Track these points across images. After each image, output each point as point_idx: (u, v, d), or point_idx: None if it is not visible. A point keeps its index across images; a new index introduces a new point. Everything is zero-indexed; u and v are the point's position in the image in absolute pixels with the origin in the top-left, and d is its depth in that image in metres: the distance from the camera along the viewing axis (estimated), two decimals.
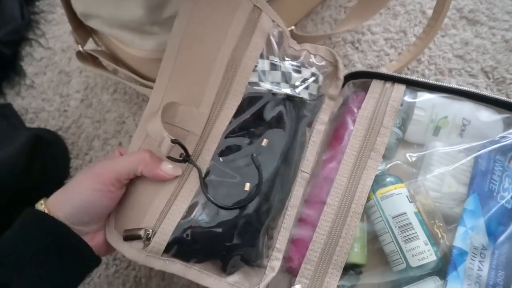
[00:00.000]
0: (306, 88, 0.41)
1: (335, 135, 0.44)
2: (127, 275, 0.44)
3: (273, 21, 0.40)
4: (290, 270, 0.39)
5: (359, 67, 0.52)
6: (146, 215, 0.35)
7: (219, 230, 0.35)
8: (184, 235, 0.35)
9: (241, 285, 0.36)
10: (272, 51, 0.40)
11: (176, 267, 0.35)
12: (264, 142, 0.38)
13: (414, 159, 0.42)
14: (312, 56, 0.43)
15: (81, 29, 0.48)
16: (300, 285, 0.36)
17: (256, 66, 0.39)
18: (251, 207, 0.36)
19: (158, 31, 0.42)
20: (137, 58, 0.45)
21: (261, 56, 0.39)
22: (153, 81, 0.47)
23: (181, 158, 0.36)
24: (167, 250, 0.35)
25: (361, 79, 0.46)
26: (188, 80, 0.38)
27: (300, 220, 0.41)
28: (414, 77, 0.45)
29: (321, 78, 0.42)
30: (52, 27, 0.64)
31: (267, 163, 0.37)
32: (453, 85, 0.44)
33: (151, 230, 0.35)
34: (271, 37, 0.40)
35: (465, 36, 0.52)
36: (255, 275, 0.37)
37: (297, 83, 0.41)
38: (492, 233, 0.36)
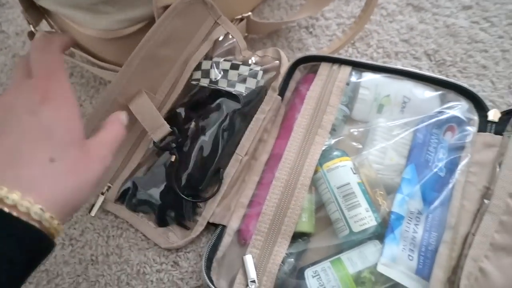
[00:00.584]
0: (244, 82, 0.45)
1: (286, 116, 0.46)
2: (83, 254, 0.44)
3: (227, 33, 0.47)
4: (243, 243, 0.41)
5: (313, 50, 0.54)
6: None
7: (150, 187, 0.45)
8: (129, 187, 0.46)
9: (168, 237, 0.43)
10: (216, 54, 0.47)
11: (124, 213, 0.45)
12: (193, 124, 0.44)
13: (359, 134, 0.44)
14: (258, 56, 0.48)
15: (33, 9, 0.47)
16: (250, 255, 0.38)
17: (200, 66, 0.47)
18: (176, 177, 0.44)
19: (111, 11, 0.42)
20: (91, 38, 0.45)
21: (206, 58, 0.47)
22: (107, 62, 0.47)
23: (171, 149, 0.44)
24: (120, 200, 0.46)
25: (311, 62, 0.48)
26: (152, 72, 0.44)
27: (253, 196, 0.43)
28: (358, 59, 0.48)
29: (260, 73, 0.46)
30: (5, 11, 0.62)
31: (193, 142, 0.44)
32: (395, 66, 0.47)
33: (108, 185, 0.46)
34: (220, 44, 0.47)
35: (411, 22, 0.55)
36: (182, 233, 0.44)
37: (234, 79, 0.45)
38: (427, 199, 0.39)
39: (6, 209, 0.23)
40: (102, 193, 0.46)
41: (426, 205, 0.39)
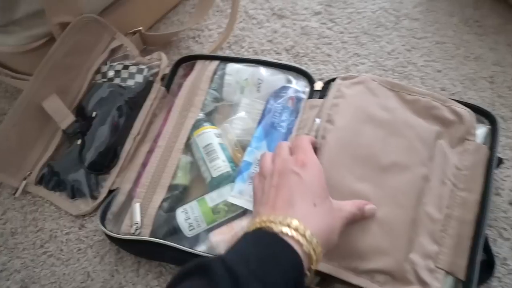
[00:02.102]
0: (133, 78, 0.57)
1: (171, 103, 0.58)
2: (4, 229, 0.52)
3: (123, 44, 0.60)
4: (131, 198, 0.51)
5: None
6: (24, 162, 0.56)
7: (63, 169, 0.55)
8: (46, 171, 0.56)
9: (78, 206, 0.52)
10: (114, 60, 0.59)
11: (43, 192, 0.55)
12: (94, 114, 0.55)
13: (226, 110, 0.57)
14: (147, 59, 0.60)
15: None
16: (138, 204, 0.48)
17: (101, 69, 0.60)
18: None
19: (18, 30, 0.53)
20: (5, 54, 0.56)
21: (104, 63, 0.58)
22: (18, 72, 0.58)
23: (76, 133, 0.55)
24: (40, 183, 0.55)
25: (191, 61, 0.61)
26: (61, 77, 0.56)
27: (142, 164, 0.53)
28: (223, 54, 0.62)
29: (146, 70, 0.58)
30: None
31: (95, 127, 0.55)
32: (250, 57, 0.60)
33: (29, 172, 0.56)
34: (117, 51, 0.61)
35: (275, 27, 0.69)
36: (90, 202, 0.53)
37: (126, 76, 0.58)
38: (271, 149, 0.51)
39: (290, 234, 0.32)
40: (24, 178, 0.55)
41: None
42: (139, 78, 0.57)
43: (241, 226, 0.46)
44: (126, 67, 0.58)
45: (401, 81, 0.62)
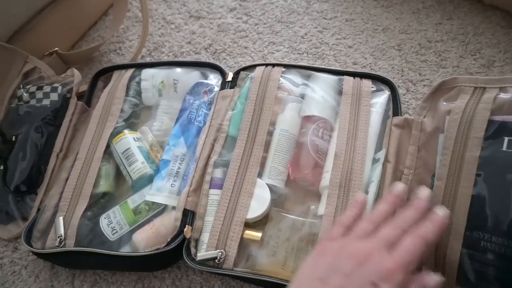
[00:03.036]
0: (48, 97, 0.58)
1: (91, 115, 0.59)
2: None
3: (36, 66, 0.60)
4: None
5: None
6: None
7: None
8: None
9: (9, 230, 0.52)
10: (29, 83, 0.60)
11: None
12: (13, 138, 0.55)
13: (147, 114, 0.58)
14: (61, 77, 0.60)
15: None
16: (61, 217, 0.49)
17: (16, 94, 0.60)
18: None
19: None
20: None
21: (19, 87, 0.59)
22: None
23: None
24: None
25: (108, 72, 0.62)
26: None
27: (67, 180, 0.54)
28: (138, 62, 0.63)
29: (59, 88, 0.58)
30: None
31: (16, 151, 0.55)
32: (162, 60, 0.62)
33: None
34: (32, 74, 0.60)
35: (193, 28, 0.71)
36: (22, 224, 0.53)
37: (41, 96, 0.58)
38: (189, 144, 0.52)
39: None
40: None
41: (189, 148, 0.52)
42: (54, 97, 0.58)
43: (161, 222, 0.47)
44: (40, 88, 0.58)
45: (315, 61, 0.64)
